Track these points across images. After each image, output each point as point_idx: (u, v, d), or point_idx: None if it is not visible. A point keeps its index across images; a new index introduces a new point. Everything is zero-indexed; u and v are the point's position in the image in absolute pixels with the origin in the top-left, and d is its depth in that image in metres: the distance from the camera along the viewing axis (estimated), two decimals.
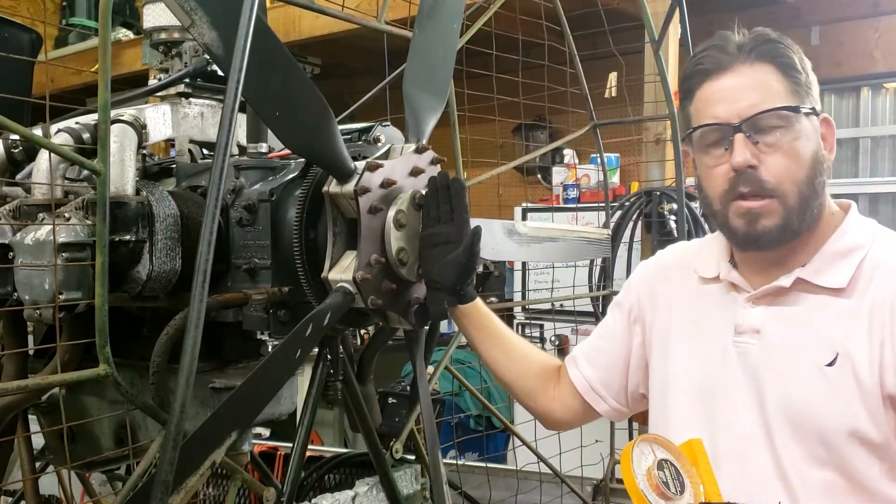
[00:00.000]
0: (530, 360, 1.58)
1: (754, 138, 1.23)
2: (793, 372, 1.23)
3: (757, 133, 1.23)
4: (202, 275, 1.07)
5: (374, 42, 2.44)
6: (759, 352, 1.26)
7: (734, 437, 1.28)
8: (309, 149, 1.39)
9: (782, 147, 1.23)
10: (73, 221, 1.37)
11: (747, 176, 1.23)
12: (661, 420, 1.39)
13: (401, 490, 1.84)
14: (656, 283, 1.47)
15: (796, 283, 1.26)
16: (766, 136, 1.23)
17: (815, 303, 1.25)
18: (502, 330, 1.57)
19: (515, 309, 4.90)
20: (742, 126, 1.23)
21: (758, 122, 1.23)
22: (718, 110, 1.25)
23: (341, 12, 1.89)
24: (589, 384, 1.51)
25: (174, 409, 1.08)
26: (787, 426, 1.22)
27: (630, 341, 1.47)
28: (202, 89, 1.78)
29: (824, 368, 1.20)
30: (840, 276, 1.24)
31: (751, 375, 1.27)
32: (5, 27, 1.88)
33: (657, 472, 1.20)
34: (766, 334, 1.27)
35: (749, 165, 1.23)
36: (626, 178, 4.97)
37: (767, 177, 1.23)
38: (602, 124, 2.78)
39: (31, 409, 1.65)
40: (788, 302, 1.27)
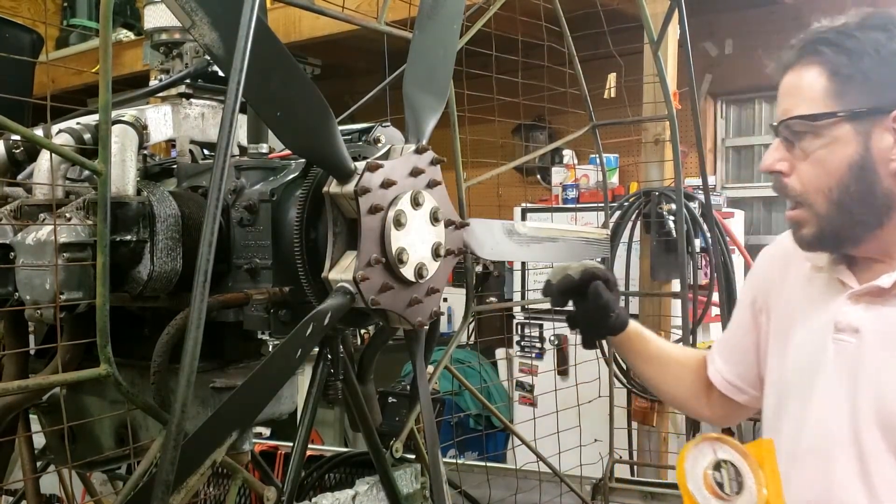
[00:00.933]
0: (685, 370, 1.60)
1: (791, 142, 1.22)
2: (889, 375, 1.19)
3: (792, 137, 1.22)
4: (203, 275, 1.08)
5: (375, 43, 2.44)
6: (856, 351, 1.23)
7: (820, 435, 1.25)
8: (309, 149, 1.40)
9: (811, 154, 1.20)
10: (74, 221, 1.37)
11: (776, 180, 1.24)
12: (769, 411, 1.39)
13: (401, 489, 1.85)
14: (776, 270, 1.43)
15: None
16: (800, 142, 1.21)
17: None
18: (656, 348, 1.60)
19: (515, 309, 4.90)
20: (778, 130, 1.23)
21: (791, 127, 1.22)
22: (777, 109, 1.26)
23: (341, 13, 1.90)
24: (725, 379, 1.52)
25: (175, 409, 1.08)
26: (877, 429, 1.19)
27: (758, 331, 1.46)
28: (203, 90, 1.78)
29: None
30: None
31: (846, 374, 1.23)
32: (6, 28, 1.88)
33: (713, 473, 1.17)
34: (865, 334, 1.22)
35: (774, 170, 1.23)
36: (626, 179, 4.98)
37: (794, 184, 1.22)
38: (601, 125, 2.78)
39: (32, 409, 1.65)
40: (889, 303, 1.22)
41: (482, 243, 1.86)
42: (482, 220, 1.89)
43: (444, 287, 1.56)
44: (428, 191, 1.50)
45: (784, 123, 1.22)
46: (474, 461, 3.29)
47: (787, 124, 1.21)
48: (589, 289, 1.47)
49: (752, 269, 1.56)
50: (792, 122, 1.21)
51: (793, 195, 1.23)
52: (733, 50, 5.47)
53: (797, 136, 1.21)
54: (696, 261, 3.69)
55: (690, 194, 3.77)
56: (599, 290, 1.47)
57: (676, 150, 2.72)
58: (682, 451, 1.21)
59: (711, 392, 1.57)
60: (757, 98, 5.58)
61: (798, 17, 5.19)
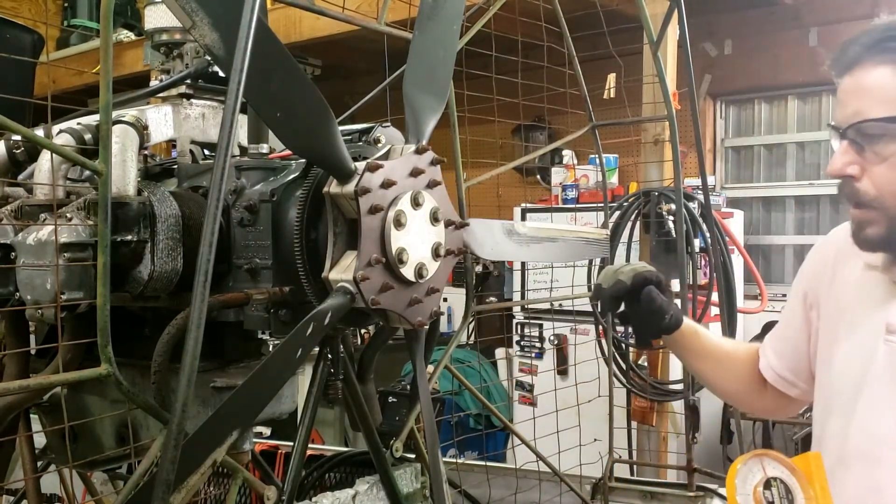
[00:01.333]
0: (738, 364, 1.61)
1: (861, 145, 1.19)
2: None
3: (863, 140, 1.18)
4: (203, 275, 1.08)
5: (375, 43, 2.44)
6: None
7: (868, 437, 1.24)
8: (309, 149, 1.40)
9: (888, 157, 1.17)
10: (74, 222, 1.37)
11: (846, 184, 1.21)
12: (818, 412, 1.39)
13: (401, 489, 1.85)
14: (828, 266, 1.42)
15: None
16: (874, 145, 1.17)
17: None
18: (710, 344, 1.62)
19: (515, 309, 4.91)
20: (847, 132, 1.19)
21: (863, 130, 1.18)
22: (836, 113, 1.23)
23: (342, 14, 1.90)
24: (777, 374, 1.52)
25: (175, 409, 1.09)
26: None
27: (809, 326, 1.45)
28: (203, 90, 1.78)
29: None
30: None
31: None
32: (7, 28, 1.88)
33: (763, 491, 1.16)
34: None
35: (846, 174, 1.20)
36: (625, 179, 4.98)
37: (867, 188, 1.19)
38: (601, 125, 2.78)
39: (33, 409, 1.66)
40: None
41: (482, 243, 1.86)
42: (482, 220, 1.90)
43: (444, 287, 1.56)
44: (428, 191, 1.50)
45: (856, 126, 1.17)
46: (474, 461, 3.30)
47: (859, 127, 1.17)
48: (642, 294, 1.49)
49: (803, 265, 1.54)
50: (866, 126, 1.17)
51: (866, 200, 1.19)
52: (733, 50, 5.48)
53: (870, 139, 1.17)
54: (696, 261, 3.70)
55: (690, 194, 3.77)
56: (653, 295, 1.49)
57: (676, 151, 2.72)
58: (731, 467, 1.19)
59: (765, 386, 1.56)
60: (756, 98, 5.59)
61: (797, 17, 5.19)
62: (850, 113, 1.19)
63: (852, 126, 1.18)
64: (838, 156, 1.20)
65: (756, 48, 5.34)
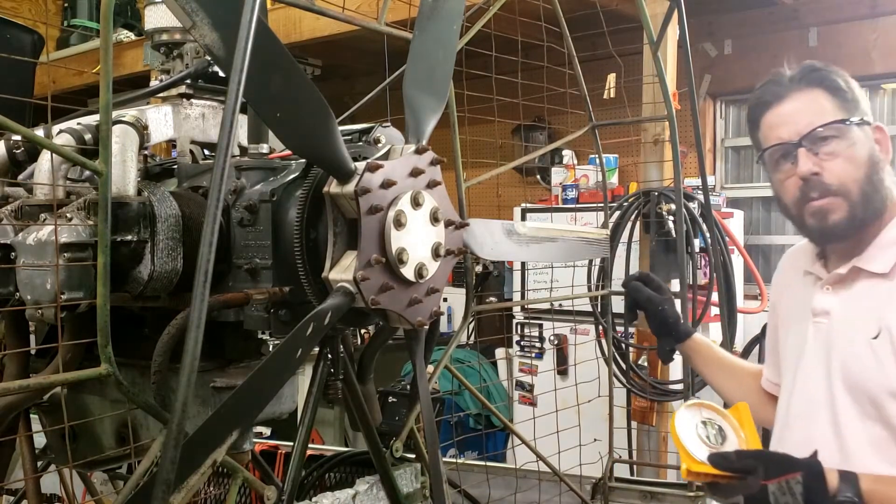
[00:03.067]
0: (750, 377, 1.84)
1: (814, 150, 1.46)
2: (850, 344, 1.46)
3: (816, 145, 1.46)
4: (203, 275, 1.08)
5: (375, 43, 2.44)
6: (828, 329, 1.51)
7: (804, 401, 1.53)
8: (309, 149, 1.40)
9: (840, 154, 1.45)
10: (74, 222, 1.37)
11: (813, 182, 1.46)
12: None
13: (401, 488, 1.85)
14: (781, 280, 1.75)
15: (853, 270, 1.49)
16: (825, 147, 1.45)
17: (868, 285, 1.48)
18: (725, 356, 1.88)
19: (515, 309, 4.91)
20: (802, 142, 1.46)
21: (815, 136, 1.46)
22: (782, 132, 1.49)
23: (342, 14, 1.90)
24: (770, 381, 1.76)
25: (175, 409, 1.09)
26: (845, 390, 1.45)
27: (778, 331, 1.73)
28: (203, 90, 1.79)
29: (871, 341, 1.42)
30: (885, 262, 1.46)
31: (822, 349, 1.51)
32: (7, 28, 1.88)
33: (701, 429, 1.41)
34: (834, 314, 1.51)
35: (813, 173, 1.45)
36: (625, 179, 4.98)
37: (831, 180, 1.45)
38: (601, 125, 2.78)
39: (33, 409, 1.66)
40: (849, 286, 1.51)
41: (482, 243, 1.86)
42: (482, 220, 1.90)
43: (443, 287, 1.56)
44: (428, 191, 1.51)
45: (813, 133, 1.45)
46: (474, 460, 3.30)
47: (815, 133, 1.45)
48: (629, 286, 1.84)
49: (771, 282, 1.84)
50: (818, 131, 1.45)
51: (832, 189, 1.45)
52: (732, 50, 5.48)
53: (823, 142, 1.45)
54: (696, 261, 3.70)
55: (690, 194, 3.77)
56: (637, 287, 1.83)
57: (676, 151, 2.72)
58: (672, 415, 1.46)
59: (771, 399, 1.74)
60: None
61: (797, 17, 5.19)
62: (802, 126, 1.47)
63: (808, 135, 1.46)
64: (803, 161, 1.46)
65: (756, 48, 5.34)
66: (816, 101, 1.48)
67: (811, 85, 1.50)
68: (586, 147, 4.88)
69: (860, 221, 1.46)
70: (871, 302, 1.46)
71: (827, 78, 1.50)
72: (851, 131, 1.46)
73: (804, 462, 1.33)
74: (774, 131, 1.51)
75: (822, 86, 1.49)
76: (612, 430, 2.95)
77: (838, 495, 1.30)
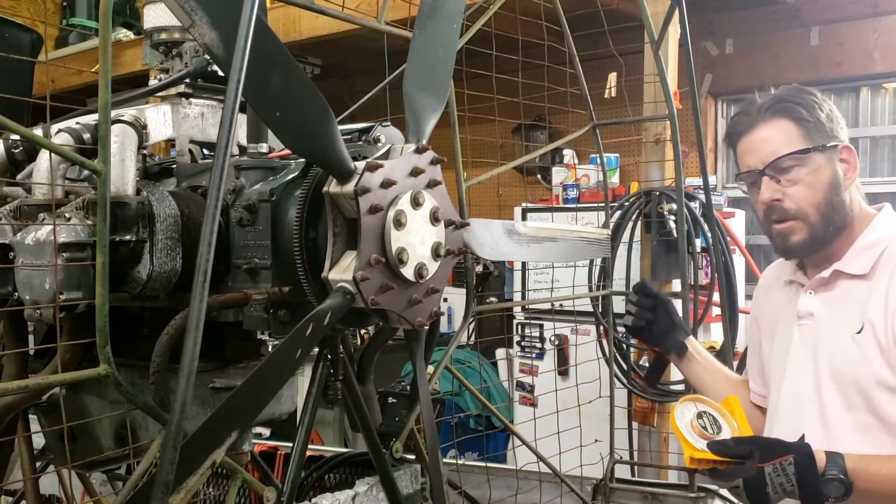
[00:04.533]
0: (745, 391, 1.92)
1: (777, 177, 1.60)
2: (836, 341, 1.59)
3: (778, 173, 1.60)
4: (202, 275, 1.07)
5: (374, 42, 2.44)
6: (813, 329, 1.65)
7: (792, 396, 1.66)
8: (309, 149, 1.39)
9: (800, 180, 1.59)
10: (73, 221, 1.37)
11: (774, 207, 1.61)
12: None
13: (401, 490, 1.84)
14: (762, 294, 1.89)
15: (834, 273, 1.63)
16: (786, 175, 1.60)
17: (849, 286, 1.62)
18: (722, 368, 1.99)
19: (515, 309, 4.90)
20: (765, 170, 1.61)
21: (778, 165, 1.60)
22: (749, 160, 1.65)
23: (341, 13, 1.89)
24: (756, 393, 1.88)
25: (174, 409, 1.08)
26: (832, 383, 1.58)
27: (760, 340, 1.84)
28: (202, 89, 1.78)
29: (855, 335, 1.56)
30: (864, 264, 1.60)
31: (808, 348, 1.64)
32: (6, 27, 1.88)
33: (697, 421, 1.53)
34: (818, 316, 1.65)
35: (774, 199, 1.60)
36: (626, 179, 4.97)
37: (790, 205, 1.60)
38: (602, 124, 2.78)
39: (32, 409, 1.65)
40: (831, 288, 1.65)
41: (482, 243, 1.85)
42: (482, 220, 1.89)
43: (444, 287, 1.56)
44: (428, 191, 1.50)
45: (774, 163, 1.59)
46: (474, 461, 3.29)
47: (776, 163, 1.59)
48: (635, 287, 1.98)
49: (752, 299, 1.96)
50: (781, 160, 1.59)
51: (791, 213, 1.60)
52: (734, 49, 5.47)
53: (785, 170, 1.59)
54: (697, 261, 3.70)
55: (691, 194, 3.77)
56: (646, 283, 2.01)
57: (677, 150, 2.71)
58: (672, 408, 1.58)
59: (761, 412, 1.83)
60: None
61: (798, 16, 5.19)
62: (765, 155, 1.60)
63: (771, 164, 1.60)
64: (765, 188, 1.61)
65: (757, 47, 5.34)
66: (782, 130, 1.61)
67: (776, 115, 1.62)
68: (587, 146, 4.88)
69: (820, 240, 1.61)
70: (852, 301, 1.59)
71: (793, 109, 1.62)
72: (812, 159, 1.59)
73: (795, 445, 1.47)
74: (744, 159, 1.66)
75: (788, 116, 1.62)
76: (613, 430, 2.94)
77: (826, 474, 1.44)
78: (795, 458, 1.44)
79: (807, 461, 1.44)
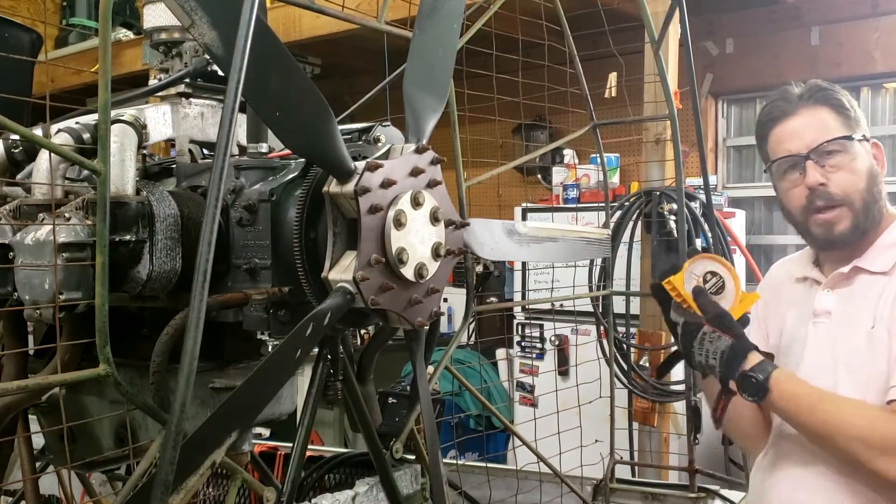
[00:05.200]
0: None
1: (821, 163, 1.59)
2: (851, 338, 1.58)
3: (822, 158, 1.59)
4: (202, 275, 1.07)
5: (374, 42, 2.43)
6: (829, 327, 1.63)
7: None
8: (309, 149, 1.39)
9: (844, 166, 1.59)
10: (73, 221, 1.37)
11: (820, 192, 1.59)
12: None
13: (401, 490, 1.84)
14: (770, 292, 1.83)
15: (853, 269, 1.62)
16: (830, 160, 1.59)
17: (867, 282, 1.61)
18: None
19: (515, 309, 4.90)
20: (810, 154, 1.59)
21: (822, 150, 1.59)
22: (790, 146, 1.62)
23: (341, 12, 1.89)
24: None
25: (174, 409, 1.08)
26: (848, 382, 1.55)
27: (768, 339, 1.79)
28: (202, 89, 1.78)
29: (870, 331, 1.55)
30: (886, 262, 1.59)
31: (825, 348, 1.62)
32: (5, 27, 1.88)
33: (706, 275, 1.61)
34: (835, 313, 1.63)
35: (819, 183, 1.58)
36: (626, 178, 4.97)
37: (836, 190, 1.58)
38: (602, 124, 2.78)
39: (32, 409, 1.65)
40: (849, 284, 1.63)
41: (482, 243, 1.85)
42: (482, 220, 1.89)
43: (444, 287, 1.56)
44: (428, 190, 1.50)
45: (818, 148, 1.58)
46: (475, 462, 3.29)
47: (820, 148, 1.58)
48: None
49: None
50: (825, 146, 1.58)
51: (838, 199, 1.58)
52: (734, 49, 5.47)
53: (829, 155, 1.59)
54: None
55: (691, 194, 3.76)
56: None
57: (677, 150, 2.71)
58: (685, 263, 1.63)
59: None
60: (758, 98, 5.57)
61: (798, 16, 5.19)
62: (809, 140, 1.59)
63: (816, 148, 1.59)
64: (811, 172, 1.59)
65: (758, 47, 5.33)
66: (822, 118, 1.61)
67: (818, 103, 1.63)
68: (587, 146, 4.87)
69: (862, 230, 1.60)
70: (867, 296, 1.59)
71: (832, 97, 1.63)
72: (854, 146, 1.60)
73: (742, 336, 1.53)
74: (783, 144, 1.63)
75: (828, 104, 1.62)
76: (614, 430, 2.95)
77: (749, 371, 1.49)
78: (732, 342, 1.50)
79: (738, 353, 1.50)
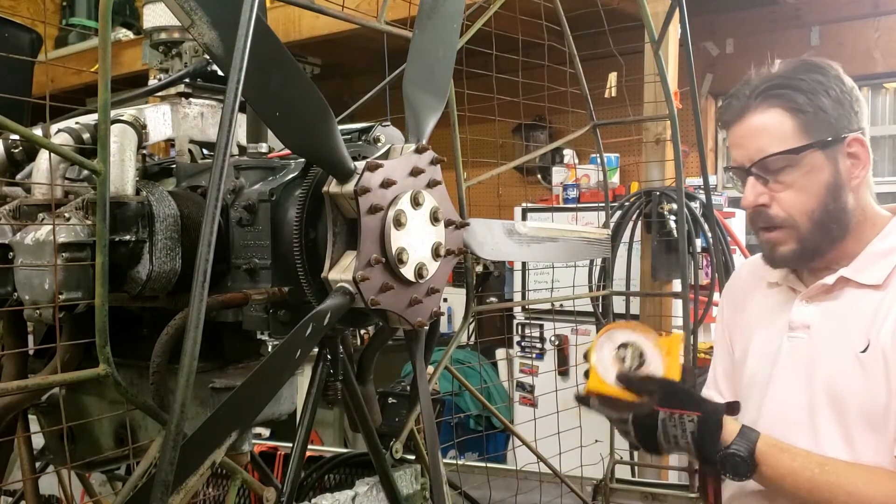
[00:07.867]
0: None
1: (765, 178, 1.38)
2: (836, 360, 1.37)
3: (767, 173, 1.38)
4: (202, 275, 1.07)
5: (374, 42, 2.44)
6: (808, 344, 1.42)
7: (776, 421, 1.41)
8: (309, 149, 1.39)
9: (792, 184, 1.37)
10: (73, 221, 1.36)
11: (759, 213, 1.41)
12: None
13: (401, 490, 1.84)
14: (735, 295, 1.65)
15: (840, 280, 1.41)
16: (776, 176, 1.37)
17: (855, 297, 1.39)
18: None
19: (516, 309, 4.90)
20: (752, 169, 1.39)
21: (766, 164, 1.37)
22: (736, 154, 1.43)
23: (341, 12, 1.89)
24: None
25: (174, 409, 1.08)
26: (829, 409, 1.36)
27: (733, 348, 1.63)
28: (202, 89, 1.78)
29: (859, 355, 1.34)
30: (878, 274, 1.38)
31: (800, 367, 1.41)
32: (5, 27, 1.87)
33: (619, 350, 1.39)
34: (815, 328, 1.42)
35: (759, 204, 1.39)
36: (626, 178, 4.97)
37: (777, 212, 1.39)
38: (602, 124, 2.77)
39: (31, 409, 1.65)
40: (834, 297, 1.42)
41: (482, 243, 1.85)
42: (482, 220, 1.89)
43: (444, 287, 1.56)
44: (428, 190, 1.50)
45: (761, 162, 1.37)
46: (474, 462, 3.29)
47: (763, 162, 1.37)
48: None
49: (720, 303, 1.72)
50: (769, 160, 1.36)
51: (779, 222, 1.39)
52: (734, 49, 5.47)
53: (775, 171, 1.37)
54: (698, 261, 3.69)
55: (691, 194, 3.76)
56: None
57: (677, 150, 2.71)
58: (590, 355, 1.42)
59: None
60: None
61: (798, 16, 5.19)
62: (752, 151, 1.38)
63: (757, 162, 1.37)
64: (749, 190, 1.39)
65: (758, 47, 5.32)
66: (772, 123, 1.37)
67: (768, 102, 1.39)
68: (587, 146, 4.87)
69: (812, 251, 1.41)
70: (859, 314, 1.37)
71: (788, 95, 1.38)
72: (806, 158, 1.36)
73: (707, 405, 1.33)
74: (732, 152, 1.45)
75: (782, 104, 1.38)
76: (614, 430, 2.94)
77: (731, 446, 1.30)
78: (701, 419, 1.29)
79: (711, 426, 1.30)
